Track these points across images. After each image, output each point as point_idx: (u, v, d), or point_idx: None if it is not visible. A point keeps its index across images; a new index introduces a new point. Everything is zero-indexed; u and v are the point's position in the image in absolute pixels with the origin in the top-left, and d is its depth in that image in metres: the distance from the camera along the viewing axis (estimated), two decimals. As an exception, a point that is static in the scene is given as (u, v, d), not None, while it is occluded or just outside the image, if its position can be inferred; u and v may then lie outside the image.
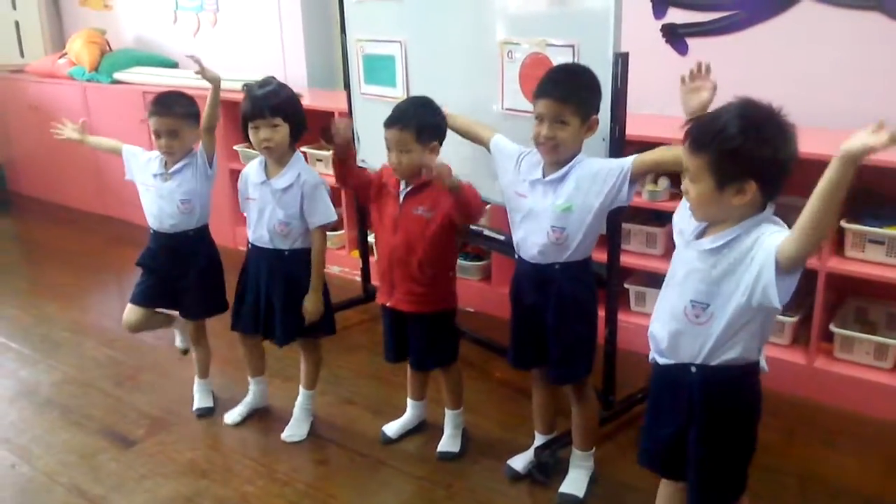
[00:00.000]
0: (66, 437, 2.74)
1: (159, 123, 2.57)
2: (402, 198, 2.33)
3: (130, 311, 2.75)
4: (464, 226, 2.42)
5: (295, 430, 2.71)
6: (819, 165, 2.55)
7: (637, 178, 2.06)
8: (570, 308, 2.16)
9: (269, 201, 2.51)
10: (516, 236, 2.21)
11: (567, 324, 2.16)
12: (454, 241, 2.40)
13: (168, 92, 2.67)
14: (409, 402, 2.69)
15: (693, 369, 1.65)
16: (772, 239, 1.49)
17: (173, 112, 2.58)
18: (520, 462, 2.45)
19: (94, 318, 3.80)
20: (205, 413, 2.85)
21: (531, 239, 2.15)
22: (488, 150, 2.33)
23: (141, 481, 2.48)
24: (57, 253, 4.79)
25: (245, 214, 2.62)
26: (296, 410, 2.74)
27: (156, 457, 2.61)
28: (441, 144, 2.32)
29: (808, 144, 2.61)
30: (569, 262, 2.13)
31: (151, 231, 2.73)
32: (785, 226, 1.53)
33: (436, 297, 2.39)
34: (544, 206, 2.11)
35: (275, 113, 2.40)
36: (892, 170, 2.54)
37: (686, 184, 1.59)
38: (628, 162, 2.05)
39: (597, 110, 2.08)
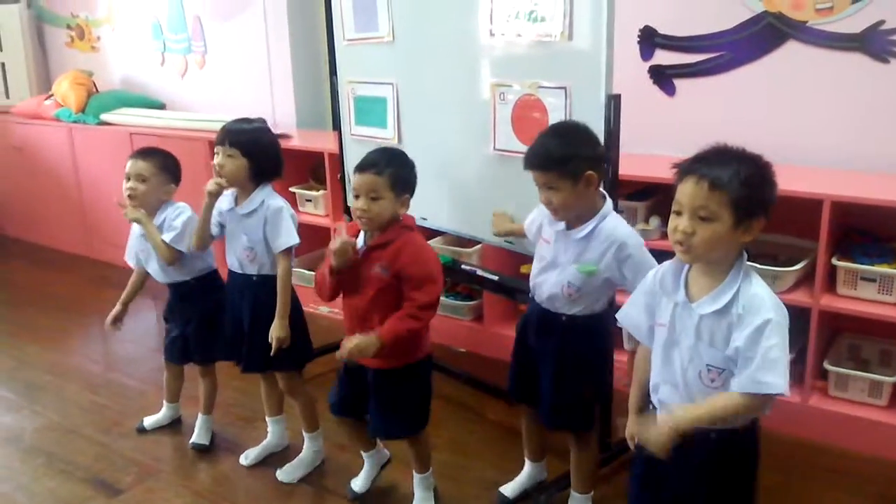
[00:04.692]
0: (51, 486, 2.67)
1: (131, 167, 2.67)
2: (360, 255, 2.19)
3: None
4: None
5: (290, 471, 2.68)
6: (805, 203, 2.58)
7: None
8: (569, 364, 2.13)
9: (237, 227, 2.55)
10: (534, 278, 2.20)
11: (563, 378, 2.14)
12: None
13: (152, 146, 2.84)
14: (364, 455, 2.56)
15: (713, 435, 1.60)
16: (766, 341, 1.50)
17: (147, 159, 2.68)
18: (510, 489, 2.48)
19: (78, 362, 3.73)
20: (199, 448, 2.83)
21: (545, 285, 2.15)
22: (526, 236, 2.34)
23: (129, 531, 2.43)
24: (40, 295, 4.70)
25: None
26: (303, 450, 2.73)
27: (144, 505, 2.55)
28: (411, 197, 2.23)
29: (795, 183, 2.66)
30: (577, 315, 2.12)
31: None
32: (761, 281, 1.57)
33: (403, 348, 2.20)
34: (566, 259, 2.09)
35: (233, 144, 2.47)
36: (878, 208, 2.57)
37: (691, 224, 1.51)
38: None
39: (592, 164, 1.99)
